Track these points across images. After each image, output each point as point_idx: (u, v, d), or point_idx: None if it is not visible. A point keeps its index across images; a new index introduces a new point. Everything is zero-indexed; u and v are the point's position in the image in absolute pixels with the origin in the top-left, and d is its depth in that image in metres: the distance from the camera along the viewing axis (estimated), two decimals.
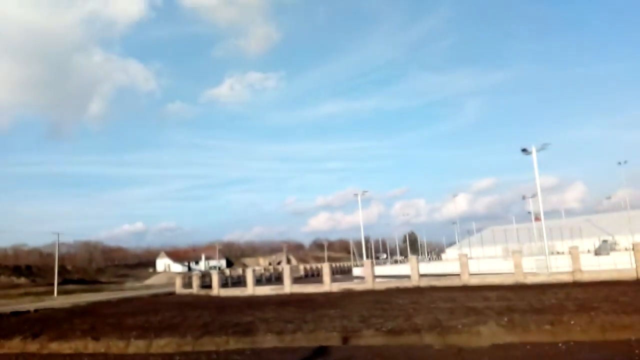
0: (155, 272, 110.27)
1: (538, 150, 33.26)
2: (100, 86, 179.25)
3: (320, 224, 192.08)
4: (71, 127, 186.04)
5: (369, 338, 13.60)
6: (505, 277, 29.02)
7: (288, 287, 32.58)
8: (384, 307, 18.17)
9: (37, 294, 48.41)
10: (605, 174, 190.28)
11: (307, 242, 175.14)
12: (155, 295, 36.79)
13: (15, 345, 15.33)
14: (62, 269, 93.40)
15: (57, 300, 38.06)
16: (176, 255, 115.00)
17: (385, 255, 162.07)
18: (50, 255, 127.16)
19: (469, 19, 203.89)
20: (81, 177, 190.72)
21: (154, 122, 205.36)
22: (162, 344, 14.27)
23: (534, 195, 61.22)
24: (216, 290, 34.48)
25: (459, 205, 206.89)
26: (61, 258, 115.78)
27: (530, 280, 27.36)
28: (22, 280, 77.21)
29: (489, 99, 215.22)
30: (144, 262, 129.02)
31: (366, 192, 54.37)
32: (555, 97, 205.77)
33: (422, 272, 40.93)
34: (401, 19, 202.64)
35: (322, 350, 12.83)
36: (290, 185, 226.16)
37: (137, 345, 14.36)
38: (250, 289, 33.29)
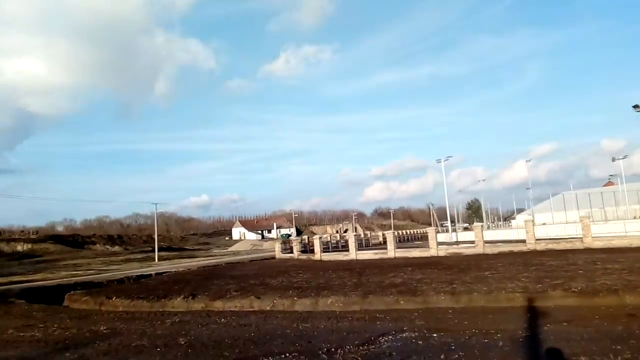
0: (231, 239, 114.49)
1: None
2: (163, 66, 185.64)
3: (375, 194, 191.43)
4: (139, 107, 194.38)
5: (559, 299, 12.52)
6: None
7: (392, 252, 32.02)
8: (542, 269, 16.94)
9: (139, 260, 50.98)
10: None
11: (367, 211, 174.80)
12: (263, 260, 37.59)
13: (179, 304, 15.64)
14: (149, 238, 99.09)
15: (163, 265, 39.79)
16: (250, 224, 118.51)
17: (448, 223, 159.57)
18: (130, 226, 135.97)
19: None
20: (149, 153, 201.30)
21: (214, 98, 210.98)
22: (329, 303, 13.96)
23: (625, 156, 56.51)
24: (318, 254, 34.52)
25: (518, 171, 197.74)
26: (143, 228, 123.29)
27: None
28: (117, 248, 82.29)
29: (550, 60, 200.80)
30: (219, 231, 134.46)
31: (449, 157, 51.69)
32: (621, 56, 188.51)
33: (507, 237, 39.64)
34: None
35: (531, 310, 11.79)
36: (346, 156, 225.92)
37: (303, 304, 14.13)
38: (353, 254, 33.04)
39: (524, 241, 30.05)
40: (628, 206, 52.40)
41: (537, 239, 29.83)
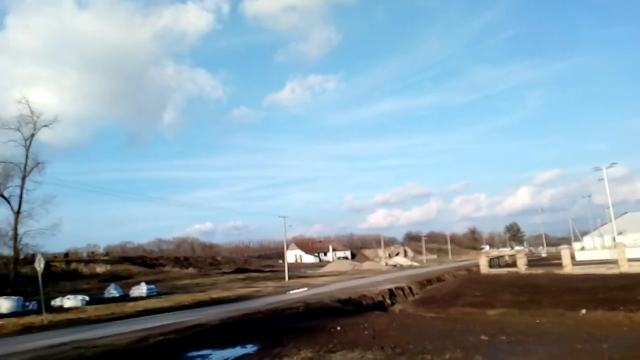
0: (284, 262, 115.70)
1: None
2: (172, 96, 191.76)
3: (378, 221, 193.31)
4: (147, 136, 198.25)
5: None
6: None
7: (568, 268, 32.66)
8: None
9: (270, 279, 52.70)
10: None
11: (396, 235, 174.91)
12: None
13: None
14: (214, 260, 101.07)
15: (298, 285, 41.47)
16: (305, 247, 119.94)
17: (487, 246, 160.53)
18: (153, 251, 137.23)
19: (527, 11, 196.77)
20: (155, 181, 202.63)
21: (221, 127, 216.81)
22: None
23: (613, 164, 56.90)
24: (522, 268, 35.38)
25: (521, 197, 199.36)
26: (167, 254, 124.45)
27: None
28: (191, 270, 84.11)
29: (550, 90, 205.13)
30: (266, 255, 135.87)
31: (614, 164, 51.55)
32: (619, 86, 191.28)
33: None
34: (457, 14, 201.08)
35: None
36: (349, 183, 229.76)
37: None
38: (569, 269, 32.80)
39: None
40: None
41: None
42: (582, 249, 78.22)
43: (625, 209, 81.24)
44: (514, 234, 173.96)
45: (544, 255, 78.08)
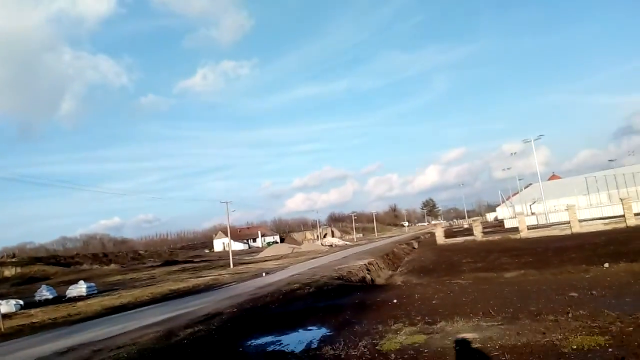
0: (213, 251, 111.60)
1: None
2: (71, 84, 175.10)
3: (297, 205, 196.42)
4: (42, 127, 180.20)
5: None
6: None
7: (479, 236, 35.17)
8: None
9: (212, 268, 49.82)
10: (569, 137, 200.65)
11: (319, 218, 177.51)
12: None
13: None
14: (136, 254, 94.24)
15: (254, 270, 39.58)
16: (234, 234, 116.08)
17: (407, 222, 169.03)
18: (57, 251, 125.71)
19: None
20: (54, 176, 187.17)
21: (127, 116, 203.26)
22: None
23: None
24: (479, 236, 36.48)
25: (430, 176, 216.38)
26: (72, 253, 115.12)
27: None
28: (113, 266, 77.50)
29: (455, 73, 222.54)
30: (191, 245, 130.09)
31: (541, 136, 54.60)
32: (519, 67, 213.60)
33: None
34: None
35: None
36: (266, 169, 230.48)
37: None
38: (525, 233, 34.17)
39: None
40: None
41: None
42: (496, 218, 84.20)
43: (523, 182, 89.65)
44: (430, 209, 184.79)
45: (466, 226, 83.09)
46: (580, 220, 32.44)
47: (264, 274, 32.29)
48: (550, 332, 7.92)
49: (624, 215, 30.12)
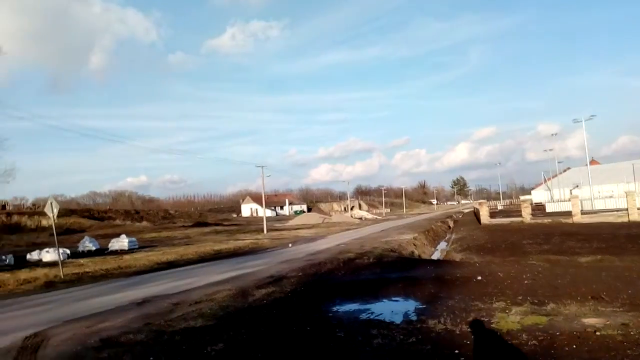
0: (240, 216, 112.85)
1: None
2: (100, 38, 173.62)
3: (321, 175, 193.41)
4: (71, 81, 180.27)
5: None
6: None
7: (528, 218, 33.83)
8: None
9: (246, 232, 50.05)
10: (608, 121, 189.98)
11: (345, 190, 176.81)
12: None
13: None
14: (166, 213, 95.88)
15: (290, 237, 39.41)
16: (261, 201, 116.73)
17: (435, 200, 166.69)
18: (87, 205, 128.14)
19: None
20: (83, 130, 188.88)
21: (155, 74, 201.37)
22: None
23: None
24: (528, 218, 35.71)
25: (460, 153, 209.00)
26: (104, 207, 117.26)
27: None
28: (145, 223, 79.08)
29: (493, 46, 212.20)
30: (218, 209, 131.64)
31: (593, 116, 51.93)
32: (558, 44, 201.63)
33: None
34: None
35: None
36: (292, 136, 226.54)
37: None
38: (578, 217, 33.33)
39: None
40: None
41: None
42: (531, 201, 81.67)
43: (559, 165, 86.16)
44: (461, 188, 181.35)
45: (500, 207, 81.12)
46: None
47: (310, 242, 31.96)
48: None
49: None
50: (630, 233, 22.11)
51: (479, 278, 12.24)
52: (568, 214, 34.73)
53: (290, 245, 29.73)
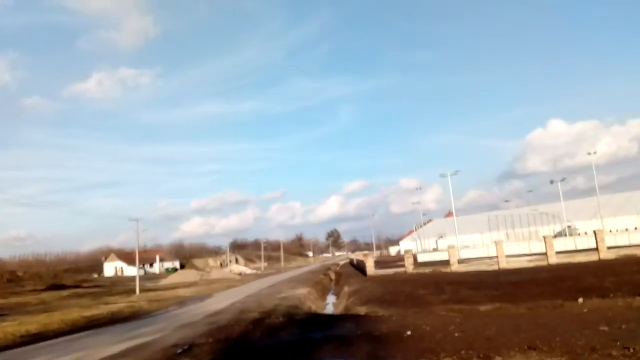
0: (102, 276, 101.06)
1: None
2: None
3: (193, 229, 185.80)
4: None
5: None
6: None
7: (410, 269, 35.91)
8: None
9: (114, 294, 44.22)
10: (460, 177, 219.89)
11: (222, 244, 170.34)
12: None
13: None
14: (13, 275, 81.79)
15: (171, 297, 35.84)
16: (128, 258, 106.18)
17: (311, 252, 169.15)
18: None
19: (344, 27, 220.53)
20: None
21: (6, 118, 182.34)
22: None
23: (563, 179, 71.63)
24: (410, 268, 36.62)
25: (331, 206, 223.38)
26: None
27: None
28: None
29: (359, 106, 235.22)
30: (75, 268, 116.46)
31: (458, 171, 56.64)
32: (417, 105, 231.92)
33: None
34: (281, 22, 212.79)
35: None
36: (163, 188, 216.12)
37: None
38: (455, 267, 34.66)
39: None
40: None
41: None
42: (399, 252, 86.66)
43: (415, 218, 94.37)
44: (335, 240, 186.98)
45: (373, 259, 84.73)
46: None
47: (195, 304, 29.16)
48: None
49: (546, 253, 32.27)
50: (510, 280, 24.07)
51: (409, 333, 11.86)
52: (444, 263, 37.18)
53: (175, 308, 26.81)
